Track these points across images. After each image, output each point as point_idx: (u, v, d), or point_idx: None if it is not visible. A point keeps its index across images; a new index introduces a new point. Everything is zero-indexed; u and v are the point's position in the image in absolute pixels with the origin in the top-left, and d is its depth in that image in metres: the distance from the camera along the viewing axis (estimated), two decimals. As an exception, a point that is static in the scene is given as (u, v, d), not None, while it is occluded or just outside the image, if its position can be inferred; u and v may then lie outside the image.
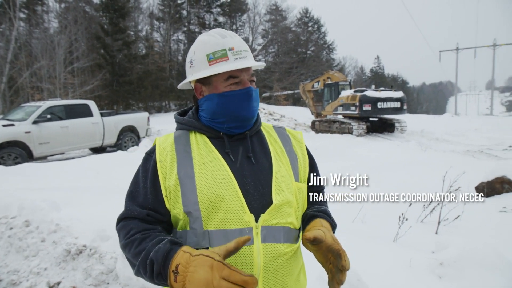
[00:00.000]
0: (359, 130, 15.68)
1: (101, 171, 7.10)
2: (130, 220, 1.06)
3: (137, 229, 1.02)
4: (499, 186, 5.34)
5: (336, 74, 20.50)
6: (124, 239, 1.02)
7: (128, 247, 1.00)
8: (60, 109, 10.30)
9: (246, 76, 1.11)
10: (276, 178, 1.10)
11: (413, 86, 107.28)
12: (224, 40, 1.11)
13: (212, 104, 1.12)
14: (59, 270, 3.20)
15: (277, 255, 1.05)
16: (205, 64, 1.11)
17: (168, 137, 1.16)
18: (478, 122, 21.53)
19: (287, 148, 1.21)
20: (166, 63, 34.52)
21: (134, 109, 28.56)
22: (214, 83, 1.11)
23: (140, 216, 1.05)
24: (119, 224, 1.08)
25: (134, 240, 1.00)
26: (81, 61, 23.94)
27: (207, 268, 0.85)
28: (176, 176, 1.05)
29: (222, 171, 1.06)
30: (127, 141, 12.02)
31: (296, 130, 1.31)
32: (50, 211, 3.91)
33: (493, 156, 9.98)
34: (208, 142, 1.13)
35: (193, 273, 0.86)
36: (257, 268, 1.01)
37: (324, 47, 52.26)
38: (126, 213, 1.08)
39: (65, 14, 26.38)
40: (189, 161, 1.08)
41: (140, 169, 1.14)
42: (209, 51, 1.11)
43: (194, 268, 0.86)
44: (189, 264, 0.88)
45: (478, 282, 2.64)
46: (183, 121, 1.18)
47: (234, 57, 1.09)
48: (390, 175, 6.89)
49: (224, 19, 41.66)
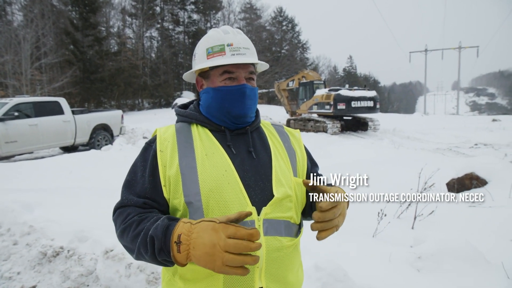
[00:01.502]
0: (334, 128, 15.92)
1: (74, 170, 6.88)
2: (126, 207, 1.05)
3: (134, 213, 1.02)
4: (468, 182, 5.58)
5: (311, 73, 20.73)
6: (122, 225, 1.01)
7: (126, 232, 0.99)
8: (28, 107, 9.89)
9: (243, 73, 1.13)
10: (276, 173, 1.12)
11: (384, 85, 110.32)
12: (225, 36, 1.13)
13: (208, 98, 1.15)
14: (34, 273, 3.08)
15: (279, 248, 1.06)
16: (203, 57, 1.15)
17: (170, 127, 1.16)
18: (446, 121, 22.41)
19: (286, 145, 1.23)
20: (139, 61, 33.85)
21: (106, 107, 27.82)
22: (211, 77, 1.14)
23: (137, 205, 1.05)
24: (115, 213, 1.07)
25: (131, 223, 0.99)
26: (49, 57, 23.10)
27: (211, 231, 0.84)
28: (177, 166, 1.05)
29: (224, 163, 1.07)
30: (101, 139, 11.72)
31: (294, 129, 1.33)
32: (22, 213, 3.76)
33: (461, 153, 10.40)
34: (210, 134, 1.14)
35: (196, 238, 0.85)
36: (260, 260, 1.01)
37: (298, 46, 52.80)
38: (122, 202, 1.07)
39: (30, 7, 25.25)
40: (191, 151, 1.08)
41: (139, 158, 1.13)
42: (210, 45, 1.14)
43: (197, 234, 0.85)
44: (191, 232, 0.87)
45: (454, 274, 2.75)
46: (185, 113, 1.19)
47: (231, 52, 1.11)
48: (365, 172, 7.05)
49: (198, 16, 41.31)
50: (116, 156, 8.42)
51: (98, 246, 2.92)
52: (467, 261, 2.87)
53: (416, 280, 2.66)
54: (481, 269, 2.79)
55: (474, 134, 14.96)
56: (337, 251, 2.79)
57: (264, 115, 24.18)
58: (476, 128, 17.42)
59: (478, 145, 12.12)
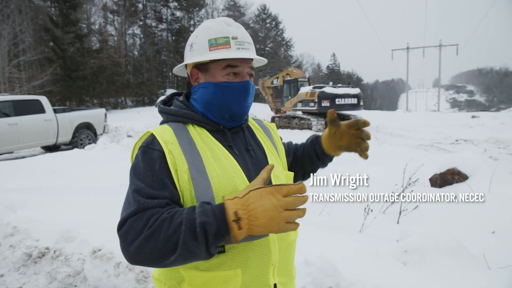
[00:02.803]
0: (318, 125, 16.07)
1: (57, 170, 6.75)
2: (145, 211, 0.89)
3: (160, 213, 0.88)
4: (450, 177, 5.72)
5: (295, 71, 20.81)
6: (146, 230, 0.86)
7: (155, 235, 0.84)
8: (7, 105, 9.64)
9: (246, 69, 1.08)
10: (273, 169, 1.11)
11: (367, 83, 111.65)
12: (228, 28, 1.07)
13: (206, 93, 1.07)
14: (18, 275, 3.02)
15: (288, 244, 1.09)
16: (205, 49, 1.06)
17: (165, 128, 1.05)
18: (427, 118, 22.86)
19: (271, 139, 1.24)
20: (122, 58, 33.33)
21: (88, 106, 27.31)
22: (212, 70, 1.06)
23: (160, 205, 0.91)
24: (126, 223, 0.89)
25: (162, 222, 0.85)
26: (28, 54, 22.52)
27: (269, 196, 0.83)
28: (187, 170, 0.97)
29: (232, 166, 1.03)
30: (83, 138, 11.51)
31: (268, 122, 1.33)
32: (4, 214, 3.67)
33: (442, 149, 10.64)
34: (209, 135, 1.08)
35: (256, 208, 0.82)
36: (274, 257, 1.03)
37: (282, 44, 52.92)
38: (139, 207, 0.90)
39: (6, 2, 24.48)
40: (197, 155, 1.01)
41: (141, 163, 0.98)
42: (212, 36, 1.06)
43: (255, 204, 0.83)
44: (247, 205, 0.83)
45: (439, 266, 2.83)
46: (178, 112, 1.09)
47: (236, 46, 1.05)
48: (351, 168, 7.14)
49: (182, 13, 40.89)
50: (100, 155, 8.29)
51: (86, 246, 2.88)
52: (450, 254, 2.96)
53: (402, 273, 2.72)
54: (464, 261, 2.88)
55: (455, 131, 15.35)
56: (326, 247, 2.82)
57: (249, 112, 24.14)
58: (456, 125, 17.86)
59: (459, 141, 12.44)
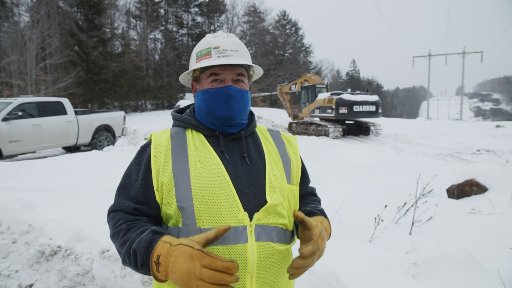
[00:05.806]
0: (335, 132, 15.92)
1: (75, 170, 6.92)
2: (118, 212, 1.09)
3: (124, 220, 1.05)
4: (469, 188, 5.56)
5: (313, 77, 20.74)
6: (112, 229, 1.06)
7: (115, 237, 1.04)
8: (32, 106, 9.96)
9: (230, 75, 1.14)
10: (270, 179, 1.12)
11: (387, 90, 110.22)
12: (214, 40, 1.15)
13: (198, 101, 1.19)
14: (31, 272, 3.11)
15: (271, 254, 1.06)
16: (193, 61, 1.19)
17: (165, 132, 1.18)
18: (449, 127, 22.34)
19: (281, 152, 1.23)
20: (143, 62, 34.00)
21: (109, 108, 27.92)
22: (201, 80, 1.18)
23: (127, 210, 1.08)
24: (108, 216, 1.11)
25: (120, 230, 1.03)
26: (54, 57, 23.20)
27: (187, 258, 0.86)
28: (170, 171, 1.06)
29: (217, 169, 1.07)
30: (102, 140, 11.76)
31: (290, 135, 1.34)
32: (22, 212, 3.78)
33: (462, 159, 10.36)
34: (204, 139, 1.15)
35: (173, 263, 0.88)
36: (251, 266, 1.02)
37: (302, 49, 52.87)
38: (115, 206, 1.11)
39: (37, 8, 25.42)
40: (185, 157, 1.09)
41: (133, 162, 1.15)
42: (199, 49, 1.18)
43: (174, 258, 0.88)
44: (169, 254, 0.89)
45: (449, 280, 2.75)
46: (180, 118, 1.21)
47: (216, 55, 1.12)
48: (366, 176, 7.05)
49: (202, 19, 41.45)
50: (117, 157, 8.45)
51: (95, 246, 2.94)
52: (462, 268, 2.88)
53: (411, 286, 2.66)
54: (476, 276, 2.79)
55: (477, 140, 14.90)
56: (331, 256, 2.79)
57: (266, 118, 24.21)
58: (479, 134, 17.36)
59: (481, 151, 12.07)
